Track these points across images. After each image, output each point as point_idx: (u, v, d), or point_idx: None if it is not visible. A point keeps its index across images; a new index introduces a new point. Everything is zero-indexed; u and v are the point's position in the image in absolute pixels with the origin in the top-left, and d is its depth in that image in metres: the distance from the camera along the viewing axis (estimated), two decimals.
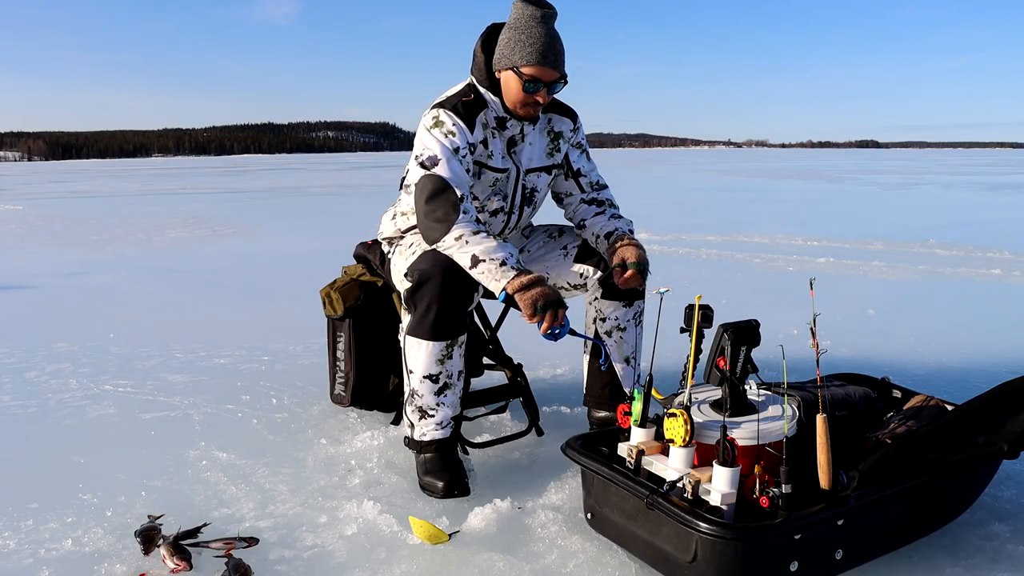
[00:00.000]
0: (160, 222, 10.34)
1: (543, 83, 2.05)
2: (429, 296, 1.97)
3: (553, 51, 2.04)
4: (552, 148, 2.25)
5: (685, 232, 8.00)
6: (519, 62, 2.03)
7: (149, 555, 1.73)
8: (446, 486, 2.01)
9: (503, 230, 2.26)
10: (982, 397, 1.81)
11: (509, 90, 2.09)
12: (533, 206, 2.28)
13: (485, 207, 2.19)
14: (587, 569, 1.68)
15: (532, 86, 2.05)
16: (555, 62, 2.05)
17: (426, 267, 1.98)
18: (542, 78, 2.04)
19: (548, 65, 2.03)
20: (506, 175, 2.17)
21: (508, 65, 2.05)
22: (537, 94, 2.07)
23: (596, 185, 2.33)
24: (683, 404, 1.65)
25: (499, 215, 2.21)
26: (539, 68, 2.03)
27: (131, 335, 3.83)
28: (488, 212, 2.20)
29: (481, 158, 2.12)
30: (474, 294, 2.03)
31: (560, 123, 2.26)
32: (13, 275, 5.95)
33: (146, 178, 29.34)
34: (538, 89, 2.06)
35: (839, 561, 1.57)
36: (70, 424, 2.62)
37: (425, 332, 2.00)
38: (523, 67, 2.03)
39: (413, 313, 2.01)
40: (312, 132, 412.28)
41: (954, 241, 7.18)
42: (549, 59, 2.03)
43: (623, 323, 2.24)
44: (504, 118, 2.14)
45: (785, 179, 22.01)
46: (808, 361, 1.78)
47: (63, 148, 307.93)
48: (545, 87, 2.06)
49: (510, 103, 2.10)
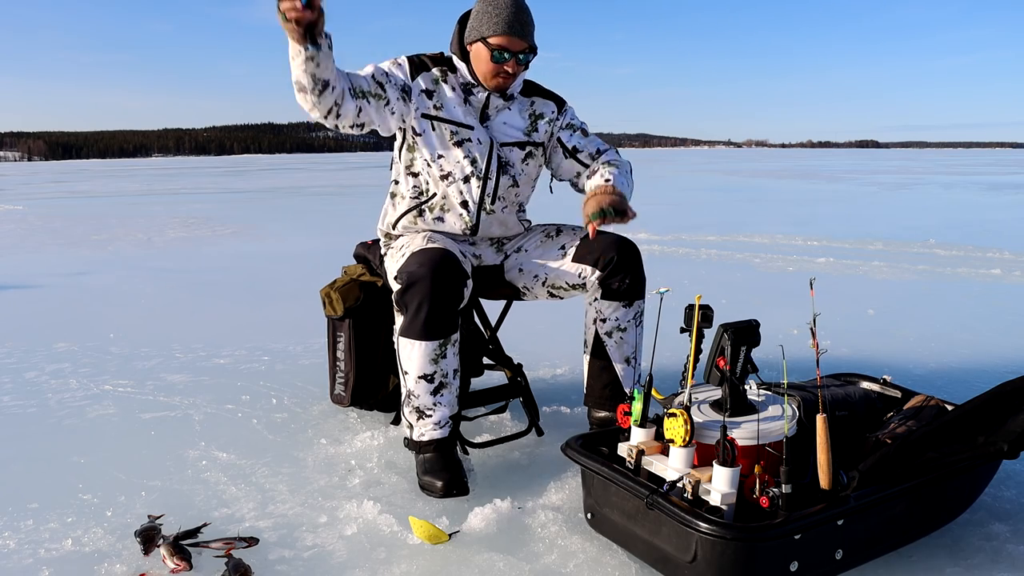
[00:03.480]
0: (160, 222, 10.34)
1: (511, 52, 2.11)
2: (419, 297, 1.98)
3: (520, 21, 2.10)
4: (530, 128, 2.29)
5: (685, 232, 8.00)
6: (487, 32, 2.10)
7: (149, 555, 1.73)
8: (445, 485, 2.01)
9: (482, 197, 2.24)
10: (982, 397, 1.81)
11: (479, 61, 2.15)
12: (511, 178, 2.28)
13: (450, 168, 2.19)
14: (587, 569, 1.68)
15: (500, 55, 2.11)
16: (522, 32, 2.11)
17: (414, 269, 1.99)
18: (510, 47, 2.10)
19: (515, 35, 2.09)
20: (480, 140, 2.20)
21: (477, 36, 2.13)
22: (506, 64, 2.13)
23: (596, 154, 2.34)
24: (683, 404, 1.65)
25: (472, 180, 2.21)
26: (506, 38, 2.09)
27: (131, 335, 3.83)
28: (460, 179, 2.20)
29: (427, 110, 2.17)
30: (465, 292, 2.04)
31: (543, 106, 2.31)
32: (13, 275, 5.95)
33: (146, 178, 29.34)
34: (507, 59, 2.12)
35: (839, 561, 1.57)
36: (70, 424, 2.62)
37: (417, 332, 2.01)
38: (491, 38, 2.10)
39: (405, 314, 2.03)
40: (312, 132, 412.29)
41: (954, 241, 7.18)
42: (516, 29, 2.09)
43: (623, 323, 2.24)
44: (471, 84, 2.20)
45: (785, 179, 22.02)
46: (808, 361, 1.78)
47: (63, 148, 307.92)
48: (513, 57, 2.12)
49: (481, 75, 2.17)
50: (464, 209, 2.24)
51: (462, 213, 2.24)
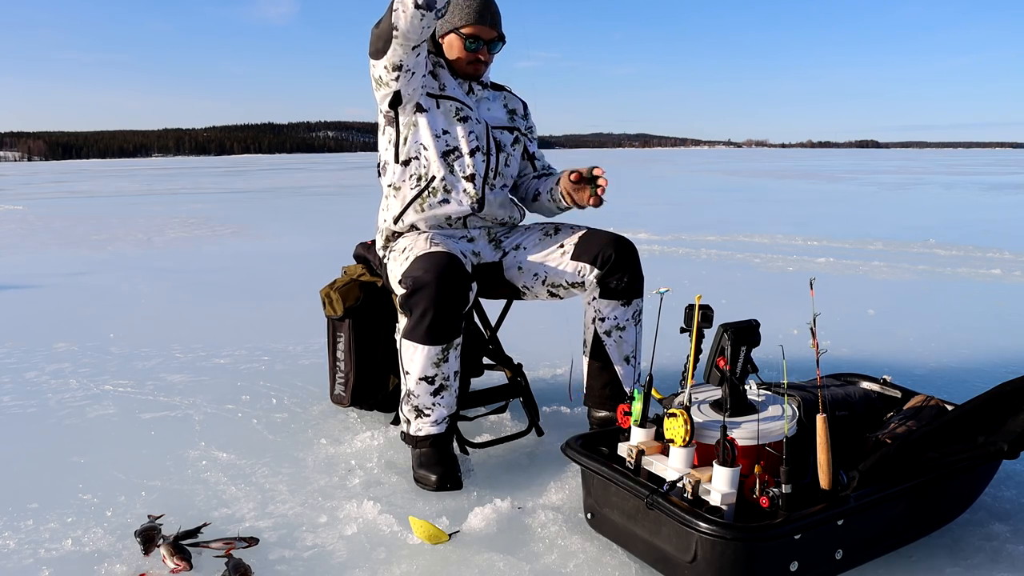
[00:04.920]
0: (160, 222, 10.34)
1: (483, 41, 2.25)
2: (424, 303, 1.99)
3: (489, 11, 2.24)
4: (510, 116, 2.42)
5: (685, 232, 8.00)
6: (459, 23, 2.23)
7: (149, 555, 1.73)
8: (439, 479, 2.03)
9: (486, 172, 2.29)
10: (982, 397, 1.81)
11: (453, 51, 2.28)
12: (506, 156, 2.37)
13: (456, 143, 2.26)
14: (587, 569, 1.68)
15: (472, 44, 2.24)
16: (492, 21, 2.25)
17: (419, 274, 2.00)
18: (481, 36, 2.24)
19: (486, 23, 2.23)
20: (478, 120, 2.30)
21: (449, 28, 2.25)
22: (479, 52, 2.26)
23: (547, 168, 2.53)
24: (683, 404, 1.65)
25: (477, 155, 2.29)
26: (477, 27, 2.23)
27: (131, 335, 3.83)
28: (467, 152, 2.27)
29: (432, 89, 2.26)
30: (469, 295, 2.04)
31: (514, 102, 2.46)
32: (13, 275, 5.95)
33: (146, 178, 29.34)
34: (480, 47, 2.25)
35: (839, 561, 1.57)
36: (70, 424, 2.62)
37: (420, 337, 2.01)
38: (463, 28, 2.23)
39: (409, 318, 2.03)
40: (312, 132, 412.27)
41: (954, 241, 7.18)
42: (486, 18, 2.23)
43: (622, 322, 2.24)
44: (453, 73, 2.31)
45: (785, 179, 22.02)
46: (808, 361, 1.78)
47: (63, 148, 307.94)
48: (486, 45, 2.26)
49: (456, 64, 2.29)
50: (470, 183, 2.26)
51: (467, 188, 2.26)
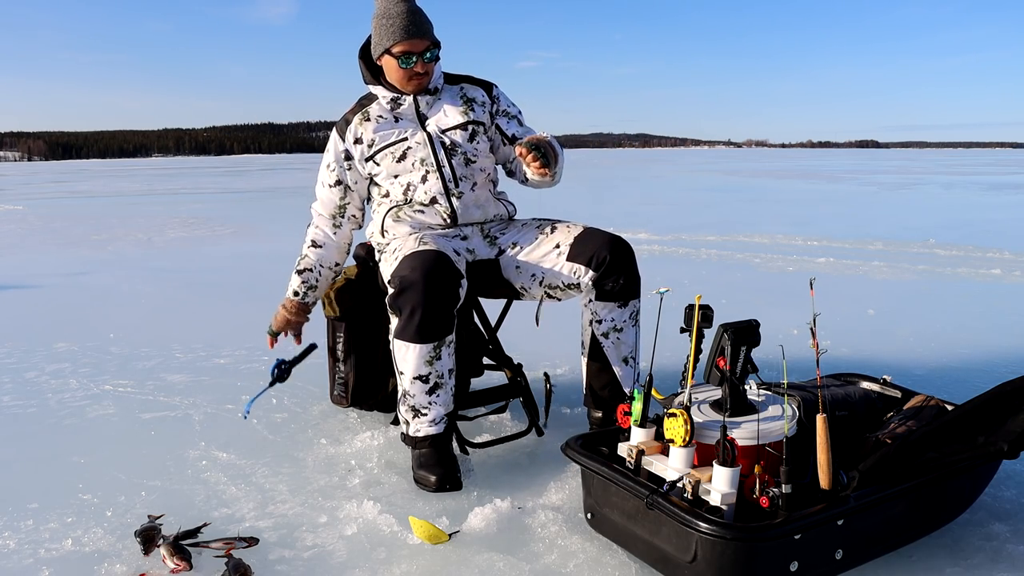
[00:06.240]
0: (160, 222, 10.34)
1: (416, 54, 2.21)
2: (412, 301, 1.99)
3: (415, 23, 2.20)
4: (466, 109, 2.36)
5: (685, 232, 8.00)
6: (388, 43, 2.21)
7: (149, 555, 1.73)
8: (439, 480, 2.03)
9: (445, 186, 2.29)
10: (982, 397, 1.81)
11: (391, 72, 2.26)
12: (463, 156, 2.32)
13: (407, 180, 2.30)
14: (587, 569, 1.68)
15: (407, 60, 2.21)
16: (419, 32, 2.21)
17: (407, 273, 2.00)
18: (413, 49, 2.21)
19: (414, 36, 2.20)
20: (418, 142, 2.29)
21: (381, 51, 2.23)
22: (415, 66, 2.23)
23: None
24: (683, 404, 1.65)
25: (430, 176, 2.28)
26: (407, 42, 2.19)
27: (131, 335, 3.83)
28: (419, 183, 2.29)
29: (366, 153, 2.31)
30: (460, 292, 2.04)
31: (472, 91, 2.40)
32: (13, 275, 5.95)
33: (146, 178, 29.34)
34: (414, 62, 2.22)
35: (839, 561, 1.56)
36: (70, 424, 2.62)
37: (411, 336, 2.02)
38: (393, 47, 2.20)
39: (399, 317, 2.04)
40: (312, 132, 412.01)
41: (954, 241, 7.18)
42: (412, 31, 2.19)
43: (619, 324, 2.24)
44: (396, 96, 2.30)
45: (785, 179, 22.01)
46: (808, 361, 1.78)
47: (63, 148, 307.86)
48: (420, 57, 2.22)
49: (397, 84, 2.28)
50: (436, 204, 2.29)
51: (437, 208, 2.30)
